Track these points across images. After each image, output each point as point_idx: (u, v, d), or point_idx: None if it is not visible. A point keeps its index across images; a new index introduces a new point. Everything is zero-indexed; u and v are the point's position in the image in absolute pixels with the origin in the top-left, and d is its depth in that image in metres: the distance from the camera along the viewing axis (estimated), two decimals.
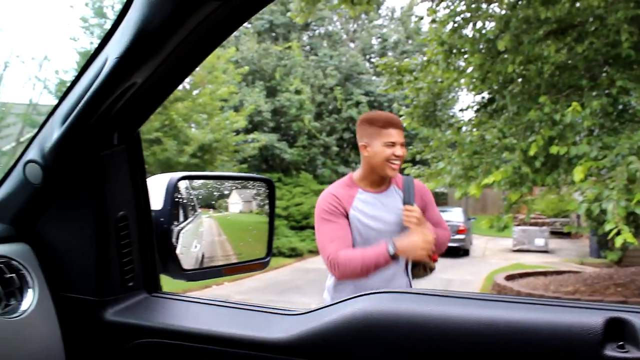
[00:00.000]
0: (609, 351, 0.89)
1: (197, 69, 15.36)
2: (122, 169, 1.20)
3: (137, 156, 1.23)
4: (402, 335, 0.99)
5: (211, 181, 1.63)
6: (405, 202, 2.76)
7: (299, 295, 11.94)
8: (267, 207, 1.71)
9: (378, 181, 2.78)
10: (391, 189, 2.82)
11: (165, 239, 1.36)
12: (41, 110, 13.41)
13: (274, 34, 25.16)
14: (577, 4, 7.18)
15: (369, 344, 1.00)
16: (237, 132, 16.92)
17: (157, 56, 0.96)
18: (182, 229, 1.51)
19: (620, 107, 7.42)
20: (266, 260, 1.59)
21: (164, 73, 1.02)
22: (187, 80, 15.40)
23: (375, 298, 1.05)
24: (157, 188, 1.38)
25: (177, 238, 1.47)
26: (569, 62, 7.62)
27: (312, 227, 19.24)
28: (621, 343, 0.90)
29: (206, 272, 1.50)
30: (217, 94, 15.34)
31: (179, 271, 1.41)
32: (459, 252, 18.39)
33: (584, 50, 7.21)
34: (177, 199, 1.42)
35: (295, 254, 17.55)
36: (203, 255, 1.61)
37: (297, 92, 21.13)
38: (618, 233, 5.89)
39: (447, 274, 14.31)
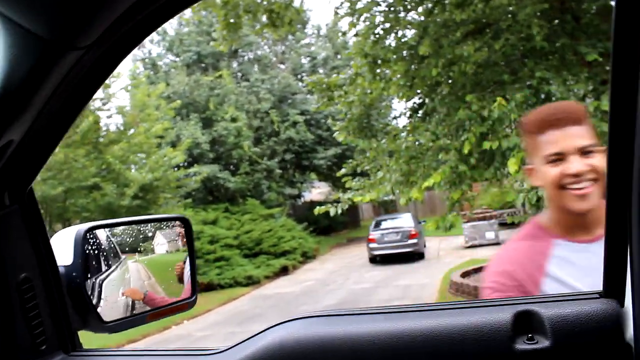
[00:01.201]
0: (519, 344, 0.91)
1: (128, 108, 15.22)
2: (18, 229, 1.15)
3: (33, 214, 1.18)
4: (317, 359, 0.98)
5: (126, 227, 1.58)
6: None
7: (259, 323, 11.78)
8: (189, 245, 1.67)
9: (578, 222, 1.66)
10: None
11: (79, 293, 1.32)
12: None
13: (203, 65, 25.07)
14: (490, 4, 7.40)
15: None
16: (177, 168, 16.75)
17: (28, 112, 0.92)
18: (105, 278, 1.46)
19: (543, 96, 7.66)
20: (192, 299, 1.55)
21: (41, 128, 0.99)
22: (120, 121, 15.19)
23: (289, 326, 1.04)
24: (65, 243, 1.33)
25: (100, 289, 1.42)
26: (490, 59, 7.84)
27: (266, 253, 19.15)
28: (530, 335, 0.91)
29: (130, 321, 1.45)
30: (152, 131, 15.18)
31: (99, 324, 1.36)
32: (414, 256, 18.59)
33: (501, 47, 7.43)
34: (88, 251, 1.37)
35: (251, 282, 17.39)
36: (133, 303, 1.56)
37: (233, 119, 21.09)
38: None
39: (404, 280, 14.42)
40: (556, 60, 7.62)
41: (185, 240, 1.60)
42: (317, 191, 32.89)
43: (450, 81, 8.34)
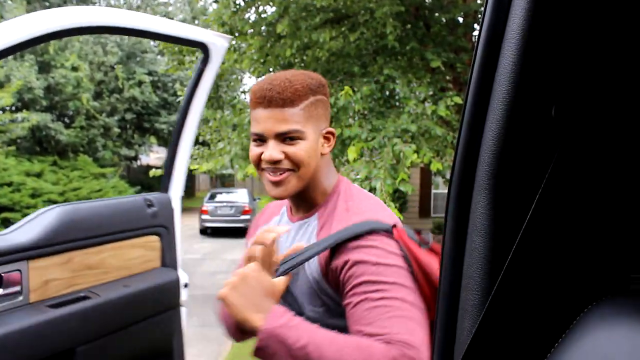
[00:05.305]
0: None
1: None
2: None
3: None
4: None
5: None
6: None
7: None
8: None
9: (292, 202, 1.61)
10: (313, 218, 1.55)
11: None
12: None
13: (46, 2, 23.19)
14: None
15: None
16: (3, 111, 15.40)
17: None
18: None
19: (387, 93, 8.04)
20: None
21: None
22: None
23: None
24: None
25: None
26: (344, 49, 8.06)
27: None
28: None
29: None
30: None
31: None
32: (245, 232, 18.72)
33: (356, 40, 7.68)
34: None
35: None
36: None
37: (74, 68, 19.71)
38: None
39: (232, 255, 14.49)
40: (404, 62, 8.03)
41: None
42: (155, 156, 31.91)
43: (302, 64, 8.47)
